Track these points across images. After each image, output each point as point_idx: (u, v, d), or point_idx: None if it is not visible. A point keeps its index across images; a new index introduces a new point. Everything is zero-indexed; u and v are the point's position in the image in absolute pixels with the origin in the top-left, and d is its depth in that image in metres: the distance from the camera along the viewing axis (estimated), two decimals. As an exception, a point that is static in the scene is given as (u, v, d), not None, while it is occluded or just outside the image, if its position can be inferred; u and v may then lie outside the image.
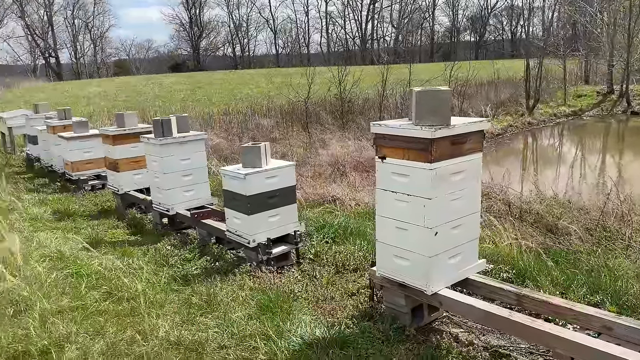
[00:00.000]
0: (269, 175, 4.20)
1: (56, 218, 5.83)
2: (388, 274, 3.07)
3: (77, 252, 4.50)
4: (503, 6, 62.74)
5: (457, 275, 3.05)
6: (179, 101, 20.06)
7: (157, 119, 5.11)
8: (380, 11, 61.56)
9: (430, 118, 2.69)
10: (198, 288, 3.68)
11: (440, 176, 2.76)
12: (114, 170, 6.16)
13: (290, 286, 3.70)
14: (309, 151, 11.66)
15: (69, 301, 3.42)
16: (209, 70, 45.39)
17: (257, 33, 74.40)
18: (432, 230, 2.79)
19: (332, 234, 4.92)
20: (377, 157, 2.98)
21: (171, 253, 4.62)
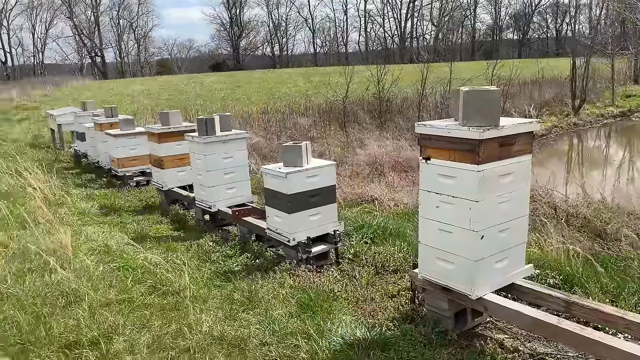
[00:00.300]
0: (310, 175, 4.21)
1: (103, 213, 6.03)
2: (431, 276, 3.03)
3: (123, 246, 4.63)
4: (548, 3, 60.91)
5: (503, 280, 2.98)
6: (219, 100, 20.40)
7: (201, 118, 5.21)
8: (420, 9, 60.86)
9: (478, 118, 2.63)
10: (239, 284, 3.73)
11: (487, 178, 2.70)
12: (159, 167, 6.31)
13: (330, 285, 3.70)
14: (347, 150, 11.64)
15: (116, 294, 3.53)
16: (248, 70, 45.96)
17: (295, 32, 74.76)
18: (478, 234, 2.73)
19: (371, 234, 4.89)
20: (421, 157, 2.94)
21: (213, 249, 4.69)
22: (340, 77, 15.29)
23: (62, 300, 3.41)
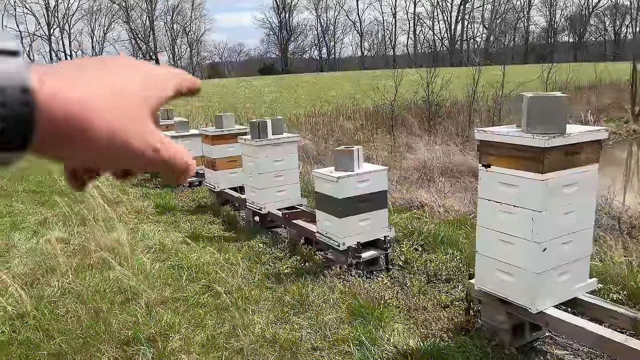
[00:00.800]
0: (361, 179, 4.19)
1: (158, 212, 6.22)
2: (488, 288, 2.94)
3: (178, 245, 4.75)
4: (606, 5, 58.39)
5: (566, 294, 2.85)
6: (267, 103, 20.69)
7: (254, 121, 5.28)
8: (471, 11, 59.66)
9: (543, 125, 2.53)
10: (290, 287, 3.74)
11: (551, 188, 2.59)
12: (212, 169, 6.45)
13: (380, 292, 3.66)
14: (394, 155, 11.53)
15: (171, 292, 3.62)
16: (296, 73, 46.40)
17: (343, 36, 74.93)
18: (540, 245, 2.63)
19: (422, 241, 4.81)
20: (480, 164, 2.86)
21: (263, 251, 4.74)
22: (388, 81, 15.17)
23: (120, 296, 3.53)
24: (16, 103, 0.32)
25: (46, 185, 7.68)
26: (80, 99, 0.35)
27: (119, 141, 0.36)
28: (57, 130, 0.34)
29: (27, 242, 4.87)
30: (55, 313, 3.33)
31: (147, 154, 0.38)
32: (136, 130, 0.37)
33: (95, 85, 0.36)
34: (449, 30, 60.12)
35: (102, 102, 0.36)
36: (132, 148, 0.37)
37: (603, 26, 60.36)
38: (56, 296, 3.55)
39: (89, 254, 4.28)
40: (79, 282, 3.79)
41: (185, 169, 0.43)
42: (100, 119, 0.35)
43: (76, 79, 0.36)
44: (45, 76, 0.34)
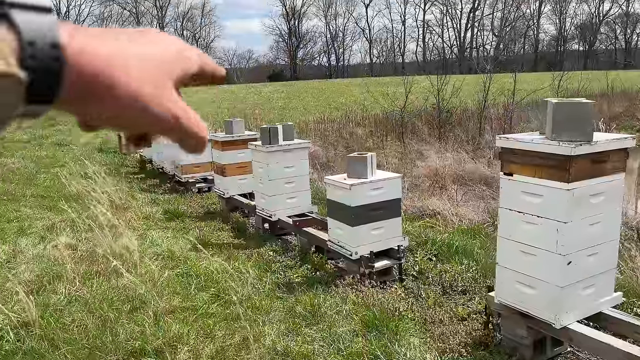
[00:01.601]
0: (375, 187, 4.09)
1: (167, 218, 6.15)
2: (509, 301, 2.82)
3: (187, 252, 4.67)
4: (616, 13, 58.06)
5: (590, 309, 2.73)
6: (277, 109, 20.67)
7: (265, 127, 5.21)
8: (480, 19, 59.57)
9: (569, 133, 2.43)
10: (301, 297, 3.64)
11: (577, 198, 2.48)
12: (221, 175, 6.38)
13: (395, 304, 3.55)
14: (405, 162, 11.42)
15: (180, 301, 3.54)
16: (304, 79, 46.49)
17: (352, 43, 75.04)
18: (565, 258, 2.51)
19: (435, 250, 4.70)
20: (502, 173, 2.75)
21: (273, 259, 4.65)
22: (398, 88, 15.09)
23: (127, 305, 3.45)
24: (46, 57, 0.33)
25: (54, 190, 7.65)
26: (108, 57, 0.36)
27: (141, 102, 0.37)
28: (85, 85, 0.35)
29: (34, 247, 4.81)
30: (61, 322, 3.25)
31: (166, 120, 0.39)
32: (158, 94, 0.38)
33: (123, 47, 0.37)
34: (458, 37, 60.02)
35: (128, 63, 0.36)
36: (153, 111, 0.38)
37: (614, 34, 60.02)
38: (62, 304, 3.47)
39: (97, 260, 4.20)
40: (86, 289, 3.71)
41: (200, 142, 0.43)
42: (126, 78, 0.36)
43: (105, 39, 0.37)
44: (75, 32, 0.35)
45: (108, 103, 0.36)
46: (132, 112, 0.37)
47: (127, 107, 0.37)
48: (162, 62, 0.40)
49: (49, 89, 0.33)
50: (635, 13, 57.25)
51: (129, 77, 0.36)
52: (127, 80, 0.36)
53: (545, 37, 62.41)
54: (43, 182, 8.39)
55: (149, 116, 0.38)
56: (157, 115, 0.38)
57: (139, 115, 0.38)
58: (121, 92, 0.36)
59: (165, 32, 0.43)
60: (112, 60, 0.36)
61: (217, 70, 0.47)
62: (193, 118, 0.42)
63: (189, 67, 0.43)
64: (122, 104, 0.36)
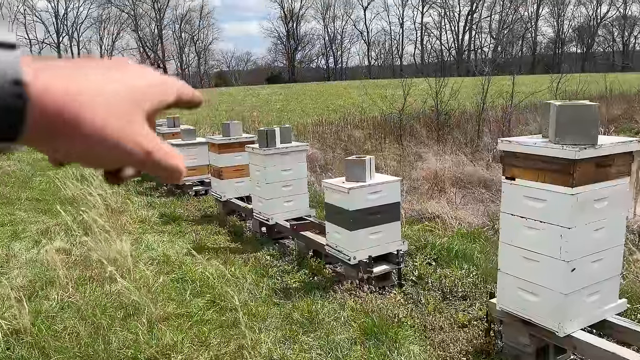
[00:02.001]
0: (373, 191, 4.02)
1: (163, 221, 6.07)
2: (511, 308, 2.76)
3: (182, 256, 4.60)
4: (614, 16, 58.23)
5: (595, 317, 2.66)
6: (274, 111, 20.61)
7: (262, 129, 5.14)
8: (478, 22, 59.66)
9: (572, 136, 2.36)
10: (298, 303, 3.57)
11: (581, 203, 2.41)
12: (218, 178, 6.31)
13: (394, 310, 3.48)
14: (403, 164, 11.36)
15: (174, 308, 3.46)
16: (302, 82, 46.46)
17: (350, 45, 75.05)
18: (569, 264, 2.45)
19: (435, 255, 4.63)
20: (504, 177, 2.69)
21: (270, 264, 4.58)
22: (396, 90, 15.05)
23: (121, 312, 3.37)
24: (8, 94, 0.33)
25: (50, 193, 7.57)
26: (74, 94, 0.35)
27: (110, 139, 0.37)
28: (49, 122, 0.35)
29: (28, 252, 4.73)
30: (53, 329, 3.18)
31: (138, 154, 0.39)
32: (129, 130, 0.38)
33: (92, 82, 0.37)
34: (456, 40, 60.08)
35: (96, 100, 0.36)
36: (123, 147, 0.38)
37: (611, 37, 60.18)
38: (54, 311, 3.40)
39: (91, 265, 4.13)
40: (79, 295, 3.64)
41: (175, 173, 0.43)
42: (92, 115, 0.36)
43: (72, 75, 0.36)
44: (40, 70, 0.35)
45: (75, 140, 0.36)
46: (101, 148, 0.37)
47: (95, 144, 0.36)
48: (133, 96, 0.39)
49: (11, 127, 0.33)
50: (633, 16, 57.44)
51: (96, 114, 0.36)
52: (93, 117, 0.36)
53: (543, 39, 62.57)
54: (39, 185, 8.31)
55: (119, 152, 0.38)
56: (127, 151, 0.38)
57: (108, 151, 0.37)
58: (88, 130, 0.36)
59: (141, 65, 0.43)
60: (79, 97, 0.35)
61: (195, 97, 0.47)
62: (165, 150, 0.41)
63: (164, 99, 0.43)
64: (90, 141, 0.36)
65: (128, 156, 0.39)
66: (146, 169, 0.41)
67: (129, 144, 0.38)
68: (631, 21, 57.88)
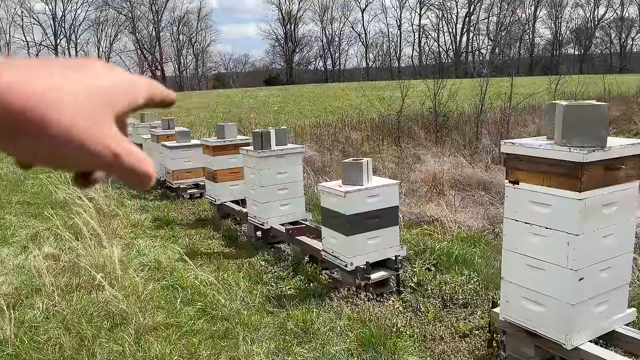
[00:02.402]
0: (371, 194, 3.89)
1: (155, 225, 5.94)
2: (515, 319, 2.63)
3: (174, 262, 4.46)
4: (611, 18, 58.33)
5: (603, 328, 2.54)
6: (272, 113, 20.49)
7: (257, 131, 5.01)
8: (476, 24, 59.66)
9: (580, 138, 2.24)
10: (293, 312, 3.44)
11: (590, 208, 2.29)
12: (212, 181, 6.18)
13: (392, 319, 3.35)
14: (401, 166, 11.24)
15: (164, 317, 3.32)
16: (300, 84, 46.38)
17: (348, 47, 74.96)
18: (576, 273, 2.32)
19: (434, 260, 4.50)
20: (507, 181, 2.56)
21: (265, 269, 4.45)
22: (394, 92, 14.95)
23: (108, 321, 3.23)
24: None
25: (41, 196, 7.42)
26: (40, 94, 0.35)
27: (76, 140, 0.36)
28: (12, 122, 0.34)
29: (15, 258, 4.59)
30: (36, 340, 3.04)
31: (105, 157, 0.38)
32: (96, 132, 0.37)
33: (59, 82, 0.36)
34: (454, 42, 60.07)
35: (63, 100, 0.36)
36: (90, 149, 0.37)
37: (609, 39, 60.25)
38: (38, 320, 3.26)
39: (79, 272, 3.99)
40: (65, 304, 3.50)
41: (145, 178, 0.41)
42: (59, 116, 0.35)
43: (39, 74, 0.36)
44: (4, 68, 0.35)
45: (41, 141, 0.35)
46: (67, 150, 0.36)
47: (61, 145, 0.36)
48: (102, 97, 0.38)
49: None
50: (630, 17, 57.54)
51: (62, 115, 0.35)
52: (60, 118, 0.35)
53: (540, 41, 62.60)
54: (30, 188, 8.16)
55: (86, 154, 0.37)
56: (94, 153, 0.37)
57: (75, 153, 0.36)
58: (53, 130, 0.35)
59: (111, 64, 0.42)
60: (44, 97, 0.35)
61: (167, 97, 0.46)
62: (135, 154, 0.40)
63: (134, 100, 0.42)
64: (56, 142, 0.35)
65: (95, 158, 0.37)
66: (114, 172, 0.39)
67: (97, 145, 0.37)
68: (628, 23, 57.98)
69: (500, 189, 8.67)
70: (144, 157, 0.41)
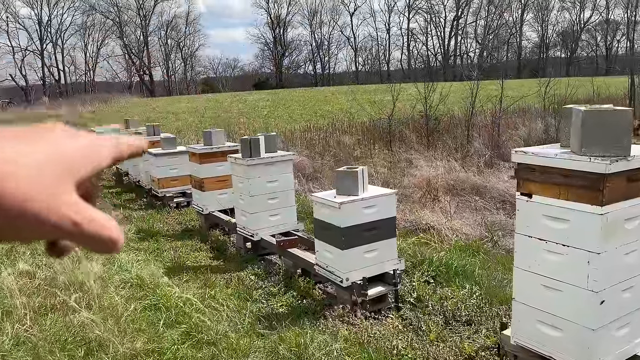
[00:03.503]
0: (367, 205, 3.66)
1: (140, 237, 5.66)
2: (527, 343, 2.41)
3: (158, 278, 4.19)
4: (597, 21, 58.92)
5: (625, 353, 2.32)
6: (261, 118, 20.23)
7: (245, 138, 4.77)
8: (464, 27, 59.90)
9: (601, 146, 2.03)
10: (286, 334, 3.19)
11: (612, 223, 2.08)
12: (200, 189, 5.92)
13: (392, 340, 3.12)
14: (394, 171, 11.04)
15: (144, 342, 3.06)
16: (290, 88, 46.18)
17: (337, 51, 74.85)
18: (598, 295, 2.10)
19: (433, 272, 4.28)
20: (519, 193, 2.34)
21: (255, 285, 4.20)
22: (384, 95, 14.78)
23: (83, 348, 2.96)
24: None
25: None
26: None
27: (30, 212, 0.35)
28: None
29: (-13, 276, 4.28)
30: (2, 372, 2.76)
31: (65, 227, 0.37)
32: (52, 202, 0.36)
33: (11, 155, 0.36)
34: (442, 45, 60.21)
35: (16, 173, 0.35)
36: (46, 220, 0.36)
37: (594, 41, 60.80)
38: (6, 349, 2.98)
39: (54, 293, 3.71)
40: (37, 328, 3.22)
41: (109, 244, 0.39)
42: (12, 190, 0.35)
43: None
44: None
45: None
46: (22, 223, 0.35)
47: (15, 218, 0.34)
48: (60, 165, 0.37)
49: None
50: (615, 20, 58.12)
51: (16, 187, 0.34)
52: (14, 190, 0.34)
53: (527, 44, 62.99)
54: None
55: (42, 226, 0.35)
56: (53, 224, 0.35)
57: (30, 225, 0.35)
58: (7, 203, 0.34)
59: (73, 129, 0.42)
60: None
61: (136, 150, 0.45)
62: (96, 221, 0.38)
63: (98, 163, 0.41)
64: (9, 215, 0.34)
65: (54, 229, 0.36)
66: (76, 240, 0.38)
67: (53, 216, 0.35)
68: (614, 26, 58.53)
69: (494, 193, 8.50)
70: (107, 222, 0.39)
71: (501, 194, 8.46)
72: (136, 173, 8.57)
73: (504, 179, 9.61)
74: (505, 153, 12.23)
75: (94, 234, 0.38)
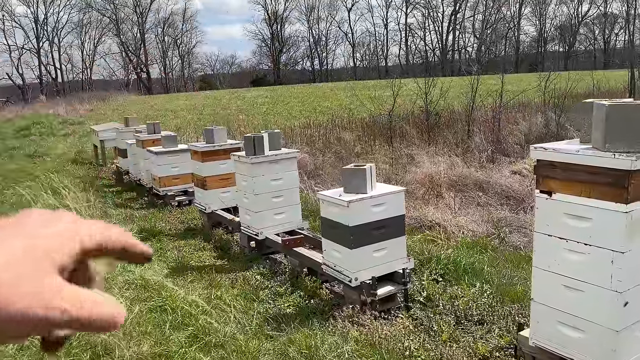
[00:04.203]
0: (376, 203, 3.60)
1: (142, 237, 5.58)
2: (547, 345, 2.35)
3: (163, 279, 4.12)
4: (595, 14, 58.83)
5: (648, 354, 2.26)
6: (260, 114, 20.13)
7: (249, 136, 4.69)
8: (462, 22, 59.76)
9: (627, 142, 1.96)
10: (295, 336, 3.13)
11: (637, 221, 2.01)
12: (202, 188, 5.84)
13: (404, 341, 3.06)
14: (396, 167, 10.97)
15: (151, 346, 2.99)
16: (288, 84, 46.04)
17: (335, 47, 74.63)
18: (622, 295, 2.04)
19: (441, 270, 4.22)
20: (538, 190, 2.27)
21: (261, 285, 4.13)
22: (383, 91, 14.70)
23: (88, 353, 2.90)
24: None
25: (21, 207, 7.00)
26: None
27: (17, 313, 0.35)
28: None
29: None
30: (7, 378, 2.69)
31: (55, 317, 0.36)
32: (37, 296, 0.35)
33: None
34: (440, 40, 60.06)
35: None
36: (33, 316, 0.35)
37: (592, 35, 60.72)
38: (10, 354, 2.91)
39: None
40: (41, 332, 3.14)
41: (108, 322, 0.38)
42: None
43: None
44: None
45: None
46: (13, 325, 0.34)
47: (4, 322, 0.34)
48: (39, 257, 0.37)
49: None
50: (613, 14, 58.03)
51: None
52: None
53: (526, 38, 62.88)
54: (9, 198, 7.75)
55: (29, 322, 0.35)
56: (42, 318, 0.35)
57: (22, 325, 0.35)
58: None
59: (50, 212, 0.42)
60: None
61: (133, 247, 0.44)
62: (87, 302, 0.37)
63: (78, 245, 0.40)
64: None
65: (45, 322, 0.35)
66: (71, 327, 0.37)
67: (40, 311, 0.35)
68: (612, 19, 58.44)
69: (497, 189, 8.42)
70: (100, 300, 0.38)
71: (504, 190, 8.40)
72: (137, 171, 8.48)
73: (506, 174, 9.55)
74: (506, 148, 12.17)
75: (87, 317, 0.37)
